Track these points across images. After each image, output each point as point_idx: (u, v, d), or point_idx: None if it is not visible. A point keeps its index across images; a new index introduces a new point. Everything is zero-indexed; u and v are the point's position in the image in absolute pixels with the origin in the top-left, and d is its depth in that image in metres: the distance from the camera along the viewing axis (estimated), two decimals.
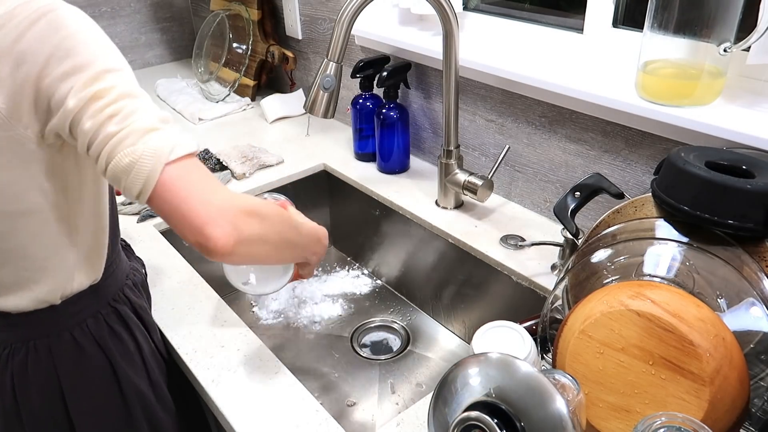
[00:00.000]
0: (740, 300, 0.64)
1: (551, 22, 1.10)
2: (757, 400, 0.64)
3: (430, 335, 1.20)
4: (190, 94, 1.73)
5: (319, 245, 0.81)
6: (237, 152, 1.36)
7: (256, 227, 0.63)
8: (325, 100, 0.96)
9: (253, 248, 0.65)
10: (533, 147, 1.09)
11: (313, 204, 1.40)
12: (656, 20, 0.81)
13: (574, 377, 0.61)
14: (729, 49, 0.77)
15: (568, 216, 0.86)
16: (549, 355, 0.76)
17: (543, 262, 0.99)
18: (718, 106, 0.82)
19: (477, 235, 1.08)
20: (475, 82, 1.14)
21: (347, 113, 1.45)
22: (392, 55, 1.31)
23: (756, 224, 0.64)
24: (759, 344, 0.63)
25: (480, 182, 1.09)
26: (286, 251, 0.75)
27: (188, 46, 2.05)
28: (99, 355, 0.80)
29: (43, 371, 0.78)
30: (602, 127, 0.96)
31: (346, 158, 1.38)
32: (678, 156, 0.69)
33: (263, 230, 0.65)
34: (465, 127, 1.20)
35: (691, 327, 0.58)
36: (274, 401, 0.78)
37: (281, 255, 0.75)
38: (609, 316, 0.62)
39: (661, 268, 0.68)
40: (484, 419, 0.55)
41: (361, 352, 1.16)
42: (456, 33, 1.01)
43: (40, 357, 0.77)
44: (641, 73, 0.86)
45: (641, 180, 0.94)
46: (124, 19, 1.92)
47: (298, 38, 1.61)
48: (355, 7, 0.90)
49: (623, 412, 0.62)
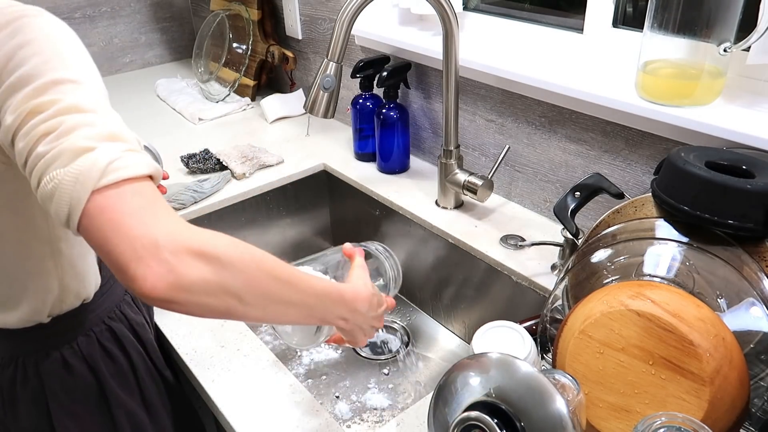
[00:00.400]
0: (740, 300, 0.64)
1: (551, 22, 1.10)
2: (757, 400, 0.64)
3: (430, 335, 1.20)
4: (190, 94, 1.73)
5: (344, 309, 0.67)
6: (237, 152, 1.36)
7: (206, 273, 0.50)
8: (325, 100, 0.96)
9: (209, 299, 0.51)
10: (533, 147, 1.09)
11: (313, 204, 1.40)
12: (656, 20, 0.81)
13: (574, 377, 0.61)
14: (729, 49, 0.77)
15: (568, 216, 0.86)
16: (549, 355, 0.76)
17: (543, 262, 0.99)
18: (718, 106, 0.82)
19: (477, 235, 1.08)
20: (475, 82, 1.14)
21: (347, 113, 1.45)
22: (392, 55, 1.31)
23: (756, 224, 0.64)
24: (759, 344, 0.63)
25: (480, 182, 1.09)
26: (279, 309, 0.59)
27: (188, 46, 2.05)
28: (88, 375, 0.79)
29: (30, 389, 0.77)
30: (602, 127, 0.96)
31: (346, 158, 1.38)
32: (678, 156, 0.69)
33: (221, 278, 0.52)
34: (465, 127, 1.20)
35: (691, 327, 0.58)
36: (274, 401, 0.78)
37: (271, 314, 0.59)
38: (609, 316, 0.62)
39: (661, 268, 0.68)
40: (484, 419, 0.55)
41: (361, 352, 1.16)
42: (456, 33, 1.01)
43: (28, 374, 0.77)
44: (641, 73, 0.86)
45: (641, 180, 0.94)
46: (124, 19, 1.92)
47: (298, 38, 1.61)
48: (355, 7, 0.90)
49: (623, 412, 0.62)
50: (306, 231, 1.42)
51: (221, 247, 0.53)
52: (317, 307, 0.64)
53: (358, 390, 1.07)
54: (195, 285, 0.50)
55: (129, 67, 1.99)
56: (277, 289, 0.57)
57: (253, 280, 0.55)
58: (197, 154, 1.35)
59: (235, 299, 0.53)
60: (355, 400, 1.05)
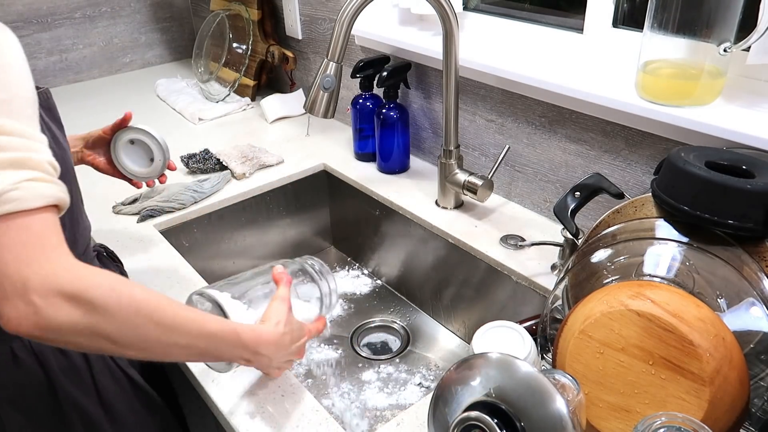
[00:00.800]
0: (740, 300, 0.64)
1: (551, 22, 1.10)
2: (757, 400, 0.64)
3: (430, 335, 1.20)
4: (190, 94, 1.73)
5: (243, 351, 0.67)
6: (237, 152, 1.36)
7: (75, 316, 0.52)
8: (325, 100, 0.96)
9: (79, 339, 0.53)
10: (533, 147, 1.09)
11: (313, 204, 1.40)
12: (656, 20, 0.81)
13: (574, 377, 0.61)
14: (729, 49, 0.77)
15: (568, 216, 0.86)
16: (549, 355, 0.76)
17: (543, 262, 0.99)
18: (718, 106, 0.82)
19: (477, 235, 1.08)
20: (475, 82, 1.14)
21: (347, 113, 1.45)
22: (392, 55, 1.31)
23: (756, 224, 0.64)
24: (759, 344, 0.63)
25: (480, 182, 1.09)
26: (163, 350, 0.60)
27: (188, 46, 2.05)
28: (37, 370, 0.78)
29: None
30: (602, 127, 0.96)
31: (346, 158, 1.38)
32: (678, 156, 0.69)
33: (91, 322, 0.52)
34: (465, 127, 1.20)
35: (691, 327, 0.58)
36: (274, 401, 0.78)
37: (154, 354, 0.60)
38: (609, 316, 0.62)
39: (661, 268, 0.68)
40: (484, 419, 0.55)
41: (361, 352, 1.16)
42: (456, 33, 1.01)
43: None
44: (641, 73, 0.86)
45: (641, 180, 0.94)
46: (124, 19, 1.92)
47: (298, 38, 1.61)
48: (355, 7, 0.90)
49: (623, 412, 0.62)
50: (306, 231, 1.42)
51: (97, 290, 0.53)
52: (210, 348, 0.64)
53: (358, 390, 1.07)
54: (63, 327, 0.51)
55: (129, 67, 1.99)
56: (158, 333, 0.58)
57: (127, 325, 0.55)
58: (197, 154, 1.35)
59: (108, 341, 0.55)
60: (355, 400, 1.05)
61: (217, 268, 1.28)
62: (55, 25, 1.80)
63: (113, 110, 1.67)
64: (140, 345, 0.58)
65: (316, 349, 1.16)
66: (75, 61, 1.86)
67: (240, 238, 1.30)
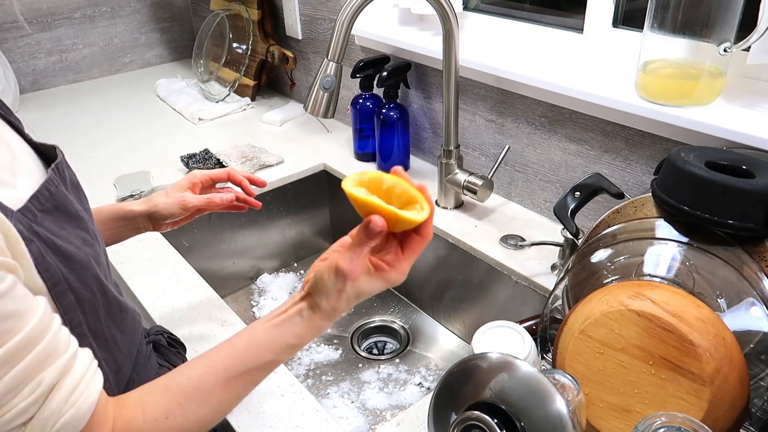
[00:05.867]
0: (740, 300, 0.64)
1: (551, 22, 1.10)
2: (757, 400, 0.64)
3: (430, 335, 1.20)
4: (190, 94, 1.73)
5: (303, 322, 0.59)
6: (237, 152, 1.36)
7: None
8: (325, 100, 0.96)
9: None
10: (533, 147, 1.09)
11: (313, 204, 1.40)
12: (656, 20, 0.81)
13: (574, 377, 0.61)
14: (729, 49, 0.77)
15: (568, 216, 0.86)
16: (549, 355, 0.76)
17: (543, 262, 0.99)
18: (718, 106, 0.82)
19: (477, 235, 1.08)
20: (475, 82, 1.14)
21: (347, 113, 1.45)
22: (392, 55, 1.31)
23: (756, 224, 0.64)
24: (759, 344, 0.63)
25: (480, 182, 1.09)
26: (246, 388, 0.60)
27: (188, 46, 2.05)
28: None
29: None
30: (602, 127, 0.96)
31: (346, 158, 1.38)
32: (678, 156, 0.69)
33: None
34: (465, 127, 1.20)
35: (691, 327, 0.58)
36: (274, 401, 0.78)
37: (245, 392, 0.60)
38: (609, 316, 0.62)
39: (661, 268, 0.68)
40: (484, 419, 0.55)
41: (361, 352, 1.16)
42: (456, 33, 1.01)
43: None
44: (641, 73, 0.86)
45: (641, 180, 0.94)
46: (124, 19, 1.92)
47: (298, 38, 1.61)
48: (355, 7, 0.90)
49: (623, 412, 0.62)
50: (306, 231, 1.42)
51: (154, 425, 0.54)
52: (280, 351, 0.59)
53: (358, 390, 1.07)
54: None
55: (129, 67, 1.99)
56: (229, 393, 0.58)
57: (201, 419, 0.57)
58: (197, 154, 1.35)
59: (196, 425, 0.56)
60: (355, 400, 1.05)
61: (217, 268, 1.28)
62: (55, 25, 1.80)
63: (113, 110, 1.67)
64: (230, 405, 0.59)
65: (316, 350, 1.16)
66: (75, 61, 1.86)
67: (240, 238, 1.30)
